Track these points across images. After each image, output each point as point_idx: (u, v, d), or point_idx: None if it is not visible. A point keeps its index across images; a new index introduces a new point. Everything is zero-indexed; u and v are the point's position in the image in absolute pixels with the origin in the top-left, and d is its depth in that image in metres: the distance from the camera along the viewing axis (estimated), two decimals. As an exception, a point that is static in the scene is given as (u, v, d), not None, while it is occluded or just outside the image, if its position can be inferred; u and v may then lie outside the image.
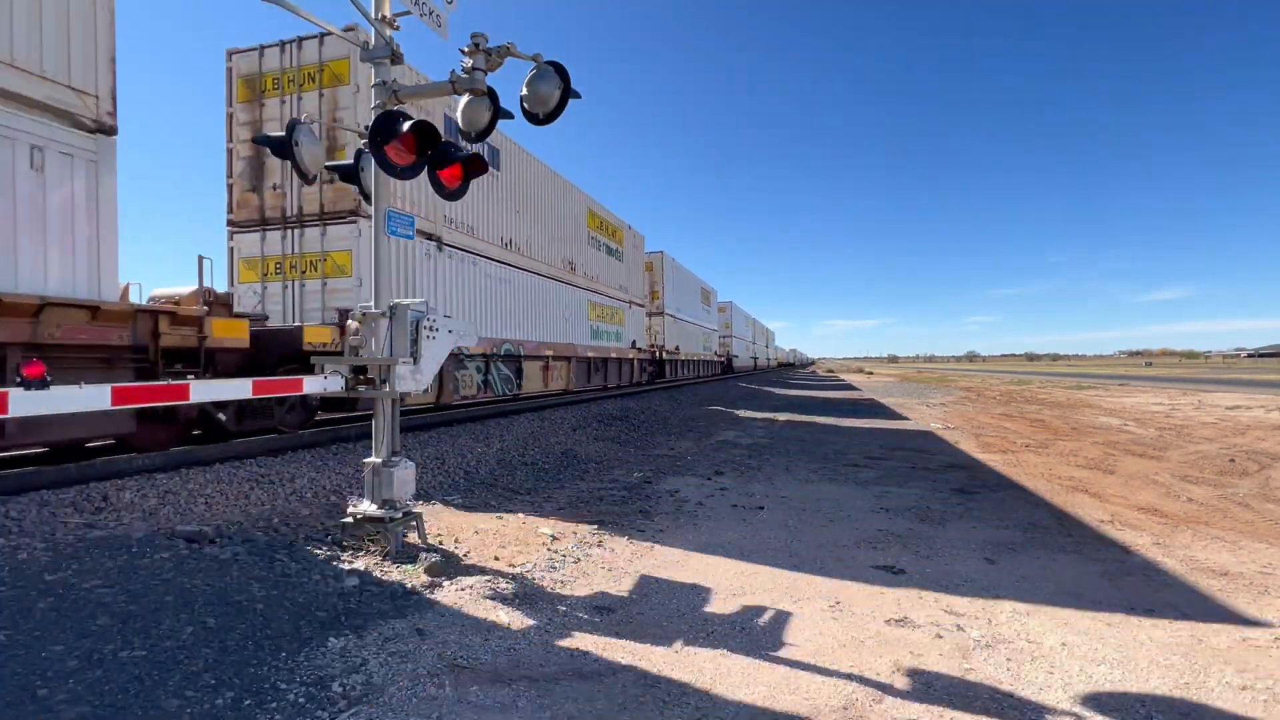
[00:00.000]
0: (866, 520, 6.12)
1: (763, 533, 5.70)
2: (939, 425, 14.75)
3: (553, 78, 4.35)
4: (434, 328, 4.89)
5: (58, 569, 3.63)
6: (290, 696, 2.76)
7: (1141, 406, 19.60)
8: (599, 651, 3.32)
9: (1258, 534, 5.66)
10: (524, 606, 3.90)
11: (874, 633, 3.61)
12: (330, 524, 5.21)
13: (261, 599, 3.65)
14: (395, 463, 4.71)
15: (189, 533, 4.50)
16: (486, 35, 4.47)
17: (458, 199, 5.00)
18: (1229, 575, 4.56)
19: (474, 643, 3.37)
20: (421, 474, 7.23)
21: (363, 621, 3.55)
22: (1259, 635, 3.57)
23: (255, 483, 6.15)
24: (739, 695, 2.92)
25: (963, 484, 7.85)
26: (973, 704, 2.84)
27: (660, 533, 5.65)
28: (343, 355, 4.93)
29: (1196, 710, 2.81)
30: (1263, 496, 7.17)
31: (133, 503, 5.21)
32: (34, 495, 5.04)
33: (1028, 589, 4.31)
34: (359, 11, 4.70)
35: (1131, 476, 8.36)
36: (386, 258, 4.87)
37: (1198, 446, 10.92)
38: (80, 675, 2.73)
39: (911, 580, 4.49)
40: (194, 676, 2.82)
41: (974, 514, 6.35)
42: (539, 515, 6.19)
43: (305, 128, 4.81)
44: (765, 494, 7.30)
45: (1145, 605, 4.01)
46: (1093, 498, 7.11)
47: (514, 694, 2.87)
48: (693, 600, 4.08)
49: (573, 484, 7.83)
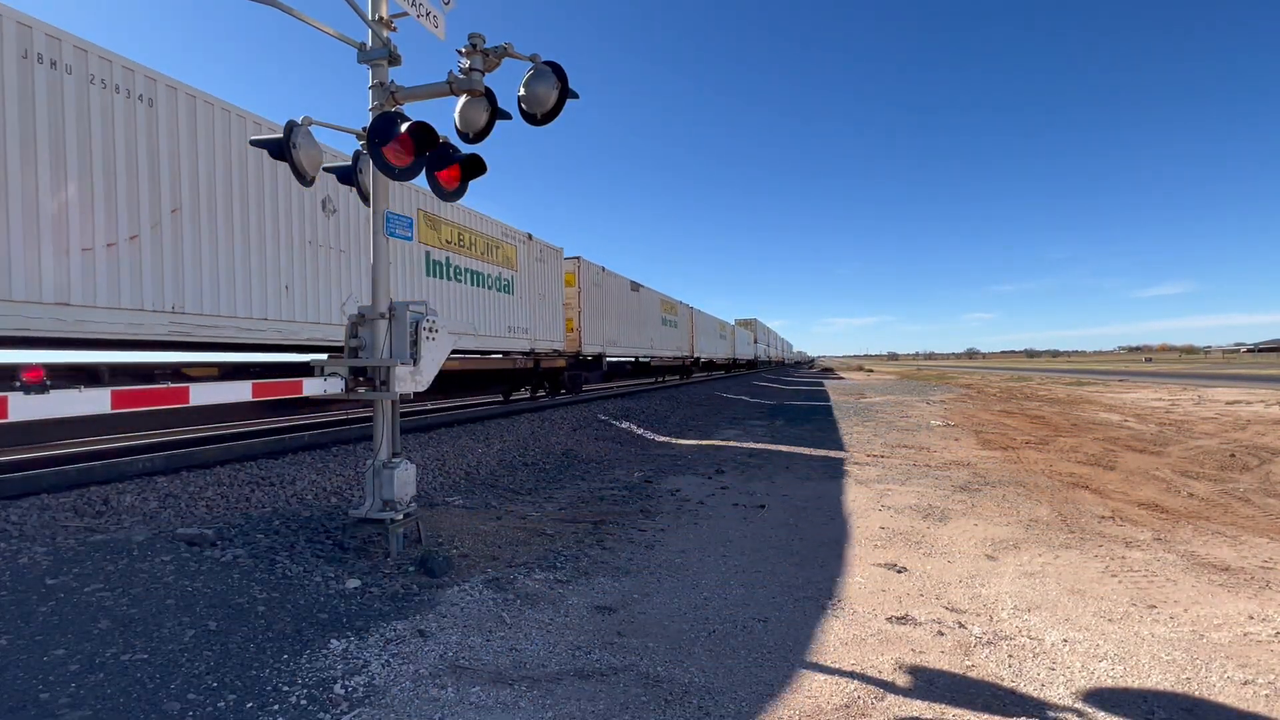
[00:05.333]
0: (868, 518, 6.12)
1: (765, 531, 5.70)
2: (939, 422, 14.75)
3: (550, 78, 4.34)
4: (434, 329, 4.89)
5: (59, 573, 3.63)
6: (292, 698, 2.76)
7: (1142, 402, 19.60)
8: (600, 651, 3.33)
9: (1259, 529, 5.66)
10: (525, 607, 3.90)
11: (876, 630, 3.61)
12: (331, 525, 5.21)
13: (263, 601, 3.65)
14: (396, 464, 4.71)
15: (190, 535, 4.50)
16: (484, 36, 4.47)
17: (457, 199, 4.99)
18: (1230, 570, 4.56)
19: (475, 643, 3.37)
20: (422, 475, 7.23)
21: (364, 623, 3.55)
22: (1261, 630, 3.57)
23: (256, 485, 6.15)
24: (740, 694, 2.92)
25: (964, 481, 7.85)
26: (974, 701, 2.84)
27: (661, 532, 5.66)
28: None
29: (1199, 705, 2.81)
30: (1263, 491, 7.17)
31: (133, 506, 5.21)
32: (35, 499, 5.03)
33: (1029, 585, 4.31)
34: (356, 13, 4.70)
35: (1132, 472, 8.36)
36: (385, 259, 4.87)
37: (1198, 442, 10.91)
38: (82, 679, 2.73)
39: (913, 578, 4.49)
40: (196, 679, 2.82)
41: (976, 511, 6.35)
42: (540, 515, 6.19)
43: (303, 129, 4.81)
44: (766, 492, 7.31)
45: (1147, 601, 4.01)
46: (1094, 494, 7.11)
47: (516, 694, 2.87)
48: (694, 599, 4.08)
49: (573, 484, 7.83)
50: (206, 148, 6.74)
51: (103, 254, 5.80)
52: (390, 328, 4.78)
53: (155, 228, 6.23)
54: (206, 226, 6.73)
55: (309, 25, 4.58)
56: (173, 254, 6.41)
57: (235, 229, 7.04)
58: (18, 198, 5.23)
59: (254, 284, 7.28)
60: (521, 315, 13.72)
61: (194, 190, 6.62)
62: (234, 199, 7.04)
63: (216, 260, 6.84)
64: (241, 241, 7.11)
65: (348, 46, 4.83)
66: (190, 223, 6.56)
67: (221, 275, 6.90)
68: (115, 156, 5.91)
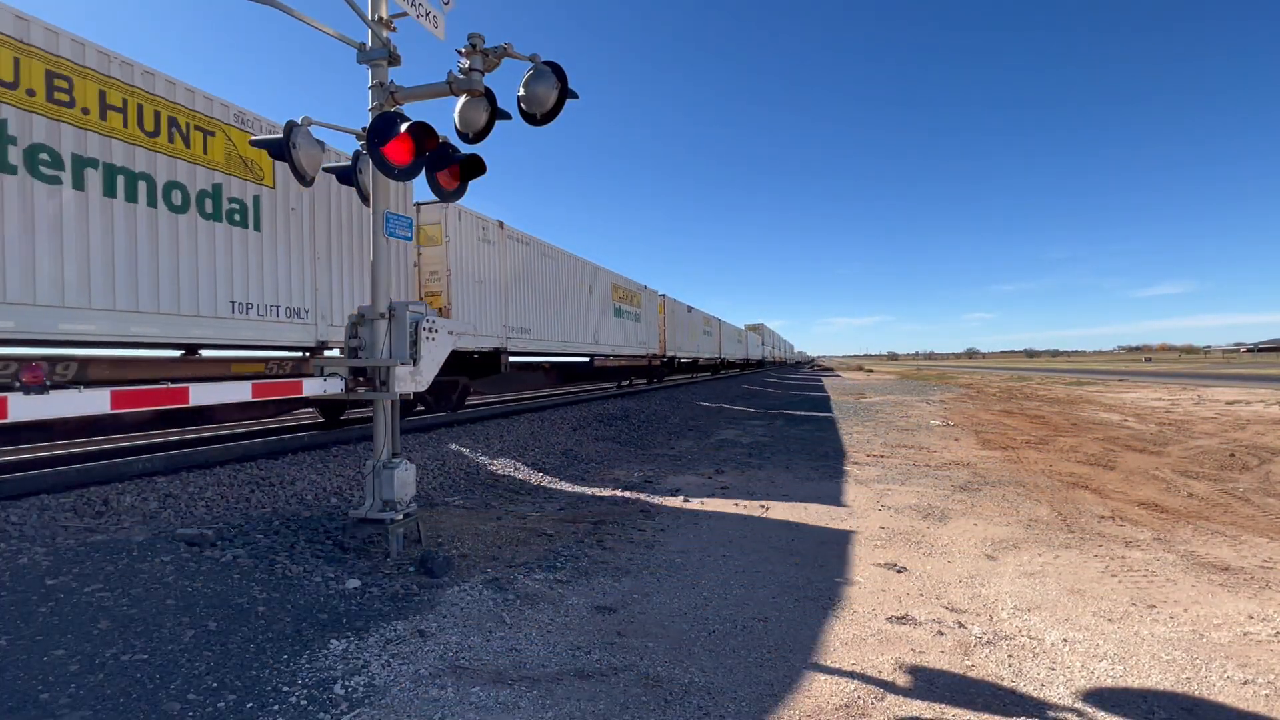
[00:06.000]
0: (868, 518, 6.12)
1: (765, 531, 5.70)
2: (939, 422, 14.75)
3: (550, 78, 4.34)
4: (433, 329, 4.89)
5: (59, 573, 3.63)
6: (292, 699, 2.76)
7: (1141, 402, 19.61)
8: (600, 651, 3.33)
9: (1259, 529, 5.66)
10: (525, 607, 3.90)
11: (876, 630, 3.61)
12: (331, 526, 5.21)
13: (263, 601, 3.65)
14: (395, 464, 4.71)
15: (190, 536, 4.50)
16: (483, 36, 4.47)
17: (456, 199, 4.99)
18: (1230, 570, 4.56)
19: (475, 643, 3.37)
20: (422, 475, 7.23)
21: (364, 623, 3.55)
22: (1260, 630, 3.57)
23: (256, 485, 6.14)
24: (741, 694, 2.92)
25: (964, 481, 7.85)
26: (974, 701, 2.84)
27: (661, 532, 5.66)
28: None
29: (1198, 705, 2.81)
30: (1263, 491, 7.17)
31: (133, 506, 5.20)
32: (34, 500, 5.03)
33: (1029, 585, 4.31)
34: (355, 13, 4.70)
35: (1132, 472, 8.36)
36: (385, 259, 4.87)
37: (1198, 441, 10.92)
38: (82, 679, 2.73)
39: (913, 578, 4.49)
40: (196, 679, 2.82)
41: (976, 510, 6.35)
42: (540, 515, 6.19)
43: (302, 130, 4.81)
44: (766, 492, 7.30)
45: (1147, 601, 4.01)
46: (1093, 493, 7.11)
47: (515, 694, 2.87)
48: (694, 599, 4.08)
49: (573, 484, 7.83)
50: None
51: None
52: (390, 328, 4.78)
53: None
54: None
55: (309, 25, 4.58)
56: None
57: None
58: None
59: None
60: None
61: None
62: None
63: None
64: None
65: (348, 46, 4.83)
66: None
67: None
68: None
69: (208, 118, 6.26)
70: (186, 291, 6.04)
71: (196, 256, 6.12)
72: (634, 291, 20.69)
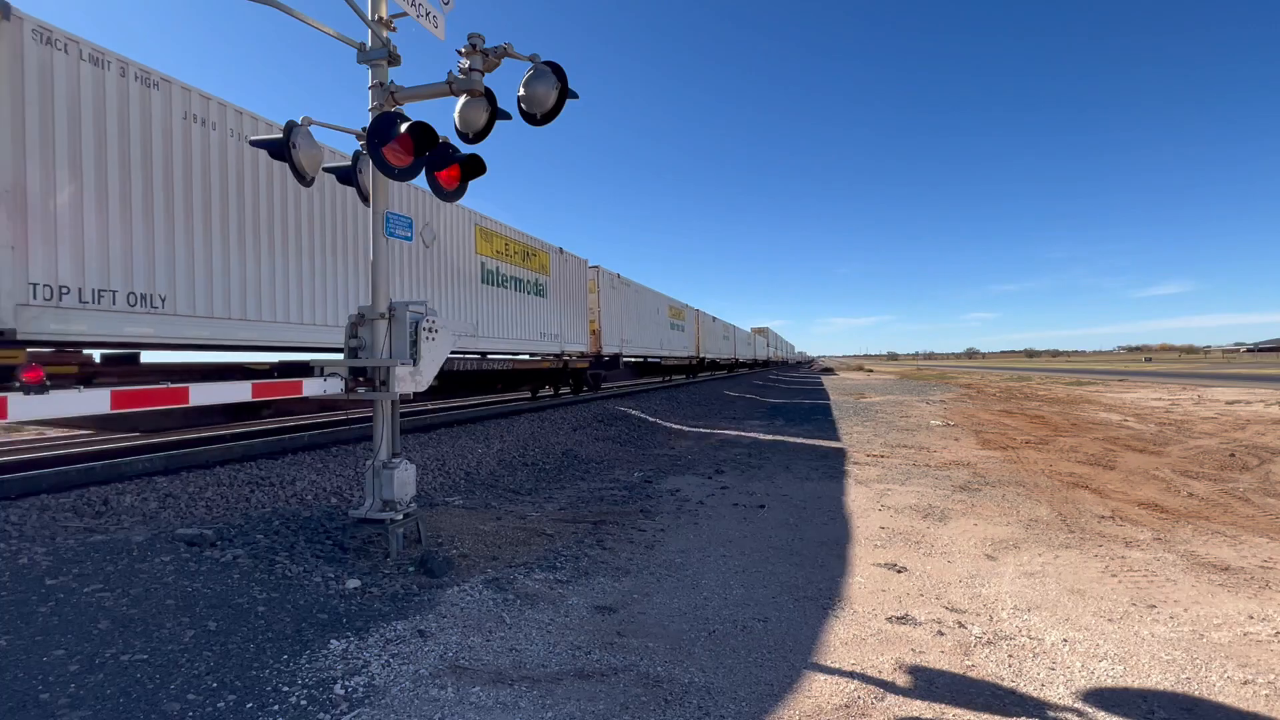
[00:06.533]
0: (868, 518, 6.12)
1: (765, 531, 5.70)
2: (939, 422, 14.75)
3: (550, 78, 4.34)
4: (433, 329, 4.89)
5: (59, 573, 3.63)
6: (292, 699, 2.76)
7: (1141, 402, 19.61)
8: (600, 651, 3.33)
9: (1258, 528, 5.66)
10: (525, 607, 3.90)
11: (876, 630, 3.61)
12: (331, 526, 5.21)
13: (263, 601, 3.65)
14: (395, 464, 4.71)
15: (190, 536, 4.50)
16: (483, 36, 4.47)
17: (456, 199, 4.99)
18: (1230, 570, 4.56)
19: (475, 643, 3.37)
20: (422, 475, 7.23)
21: (364, 623, 3.55)
22: (1260, 630, 3.57)
23: (256, 485, 6.15)
24: (740, 694, 2.92)
25: (964, 481, 7.85)
26: (974, 701, 2.84)
27: (661, 532, 5.66)
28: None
29: (1199, 705, 2.81)
30: (1263, 491, 7.17)
31: (133, 506, 5.20)
32: (35, 499, 5.03)
33: (1029, 585, 4.31)
34: (355, 13, 4.70)
35: (1132, 472, 8.36)
36: (385, 259, 4.86)
37: (1198, 441, 10.92)
38: (82, 679, 2.73)
39: (913, 578, 4.49)
40: (196, 679, 2.82)
41: (976, 510, 6.36)
42: (540, 515, 6.19)
43: (302, 130, 4.81)
44: (766, 492, 7.30)
45: (1147, 601, 4.01)
46: (1093, 493, 7.11)
47: (516, 694, 2.87)
48: (694, 599, 4.08)
49: (573, 484, 7.83)
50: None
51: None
52: (390, 328, 4.78)
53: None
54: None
55: (309, 25, 4.58)
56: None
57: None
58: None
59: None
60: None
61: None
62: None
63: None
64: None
65: (348, 46, 4.82)
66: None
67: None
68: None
69: (534, 247, 13.98)
70: (529, 329, 13.67)
71: (527, 311, 13.57)
72: (680, 309, 27.96)
